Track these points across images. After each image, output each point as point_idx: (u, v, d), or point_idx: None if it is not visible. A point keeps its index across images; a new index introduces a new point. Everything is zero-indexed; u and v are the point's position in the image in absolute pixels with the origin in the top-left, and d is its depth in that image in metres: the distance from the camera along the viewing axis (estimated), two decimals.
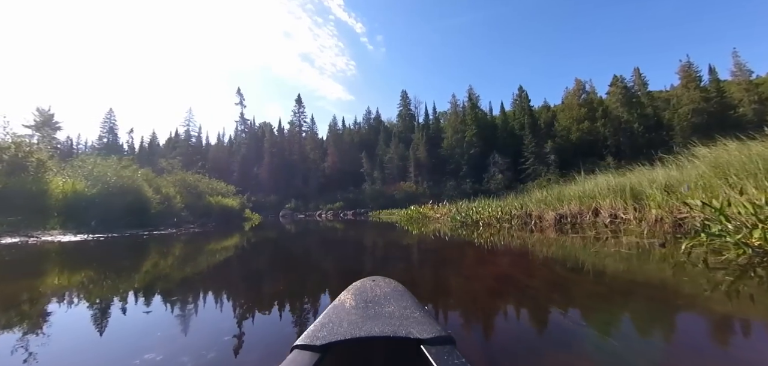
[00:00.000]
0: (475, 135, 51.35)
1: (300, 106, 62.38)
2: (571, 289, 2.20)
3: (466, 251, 4.50)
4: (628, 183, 6.21)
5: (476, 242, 5.28)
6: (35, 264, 4.15)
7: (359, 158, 54.30)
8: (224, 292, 2.42)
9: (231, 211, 19.75)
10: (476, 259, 3.87)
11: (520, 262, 3.47)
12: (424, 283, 2.62)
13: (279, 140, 59.99)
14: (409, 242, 6.31)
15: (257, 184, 52.38)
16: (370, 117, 67.55)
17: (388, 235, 7.86)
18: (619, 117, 50.24)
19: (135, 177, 12.63)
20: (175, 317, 1.80)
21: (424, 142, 51.75)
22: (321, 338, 0.79)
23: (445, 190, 43.60)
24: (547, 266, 3.07)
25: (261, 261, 4.36)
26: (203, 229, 11.43)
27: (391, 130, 62.02)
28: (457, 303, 2.03)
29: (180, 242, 7.13)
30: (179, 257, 4.92)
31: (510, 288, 2.41)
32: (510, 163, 48.83)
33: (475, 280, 2.71)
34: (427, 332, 0.80)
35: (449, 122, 57.28)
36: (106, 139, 65.27)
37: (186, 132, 62.90)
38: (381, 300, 1.05)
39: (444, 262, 3.67)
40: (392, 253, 4.85)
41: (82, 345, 1.45)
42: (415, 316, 0.91)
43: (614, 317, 1.61)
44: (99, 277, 3.18)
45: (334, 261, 4.29)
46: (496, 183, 45.00)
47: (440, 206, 12.92)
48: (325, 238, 8.06)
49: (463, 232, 6.95)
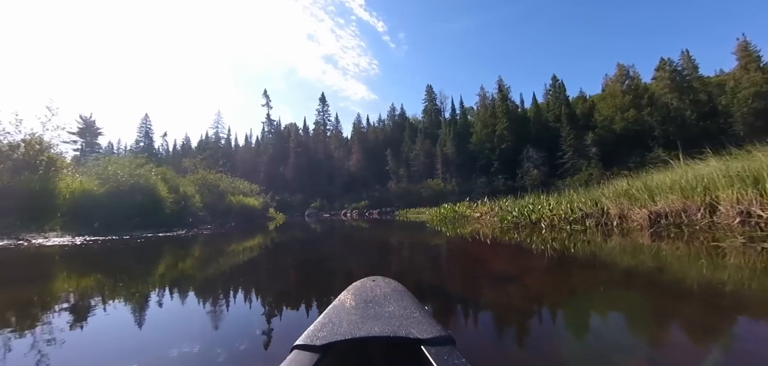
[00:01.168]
0: (507, 128, 48.43)
1: (324, 104, 62.09)
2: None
3: (571, 275, 2.94)
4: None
5: (566, 252, 3.68)
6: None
7: (384, 156, 52.94)
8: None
9: (253, 210, 18.98)
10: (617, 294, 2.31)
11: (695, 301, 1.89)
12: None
13: (304, 140, 59.96)
14: (459, 249, 4.76)
15: (283, 183, 52.50)
16: (394, 114, 65.94)
17: (428, 239, 6.35)
18: (668, 104, 45.38)
19: (149, 176, 11.91)
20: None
21: (451, 137, 49.49)
22: (321, 338, 0.78)
23: (475, 187, 41.31)
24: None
25: (278, 280, 3.11)
26: (222, 230, 10.50)
27: (417, 126, 60.15)
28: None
29: (184, 247, 6.08)
30: (162, 273, 3.72)
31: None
32: (545, 157, 45.57)
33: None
34: (427, 332, 0.79)
35: (478, 116, 54.62)
36: (142, 143, 68.34)
37: (215, 134, 64.46)
38: (381, 300, 1.04)
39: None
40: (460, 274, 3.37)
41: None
42: (415, 316, 0.90)
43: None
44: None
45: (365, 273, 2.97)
46: (531, 179, 42.05)
47: (479, 204, 11.19)
48: (352, 240, 6.68)
49: (522, 237, 5.30)
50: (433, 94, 63.48)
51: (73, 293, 2.52)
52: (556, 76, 56.49)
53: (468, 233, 6.48)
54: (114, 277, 3.23)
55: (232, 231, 10.71)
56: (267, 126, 63.99)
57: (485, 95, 56.57)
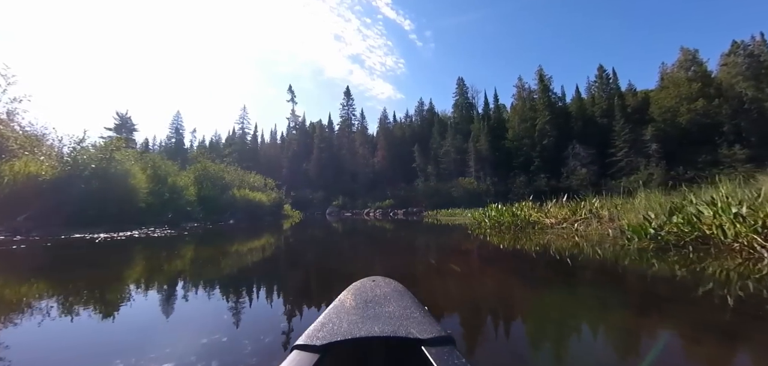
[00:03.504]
0: (548, 122, 43.54)
1: (349, 98, 59.79)
2: None
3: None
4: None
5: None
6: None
7: (411, 152, 49.54)
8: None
9: (261, 206, 16.57)
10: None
11: None
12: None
13: (328, 135, 58.04)
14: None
15: (306, 180, 50.83)
16: (422, 109, 62.18)
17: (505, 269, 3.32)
18: (742, 94, 38.50)
19: (125, 162, 9.66)
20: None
21: (485, 132, 45.26)
22: (321, 338, 0.78)
23: (513, 188, 37.14)
24: None
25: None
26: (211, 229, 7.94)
27: (446, 122, 56.27)
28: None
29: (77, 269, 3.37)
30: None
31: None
32: (594, 155, 40.25)
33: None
34: (427, 332, 0.79)
35: (515, 110, 49.94)
36: (173, 139, 69.78)
37: (241, 129, 64.30)
38: (381, 300, 1.04)
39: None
40: None
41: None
42: (415, 316, 0.90)
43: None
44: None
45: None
46: (579, 179, 37.18)
47: (552, 207, 7.89)
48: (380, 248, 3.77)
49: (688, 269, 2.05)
50: (464, 87, 59.12)
51: None
52: (602, 66, 50.51)
53: (570, 250, 3.38)
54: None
55: (227, 230, 8.19)
56: (292, 121, 62.87)
57: (523, 87, 51.69)
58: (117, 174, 9.03)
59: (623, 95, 47.44)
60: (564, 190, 25.35)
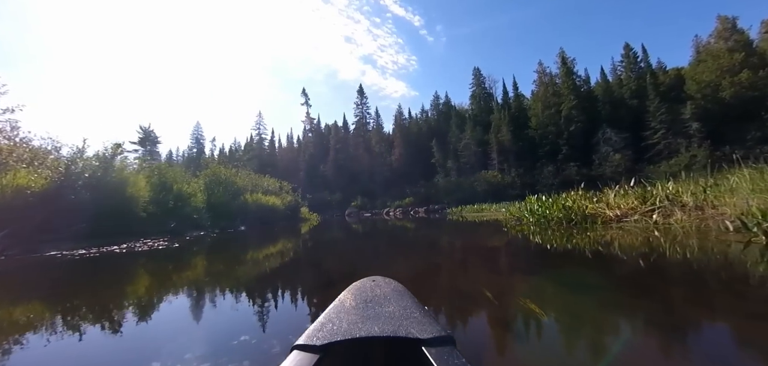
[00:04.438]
0: (575, 107, 40.92)
1: (362, 97, 58.83)
2: None
3: None
4: None
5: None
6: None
7: (429, 148, 47.95)
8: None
9: (274, 211, 15.74)
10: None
11: None
12: None
13: (343, 136, 57.34)
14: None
15: (323, 182, 50.34)
16: (438, 103, 60.28)
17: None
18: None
19: (122, 170, 8.94)
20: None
21: (507, 122, 43.12)
22: (321, 338, 0.77)
23: (541, 178, 35.01)
24: None
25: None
26: (216, 237, 7.05)
27: (464, 114, 54.26)
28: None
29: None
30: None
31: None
32: (628, 139, 37.43)
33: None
34: (427, 332, 0.79)
35: (537, 97, 47.37)
36: (194, 149, 71.18)
37: (258, 135, 64.70)
38: (381, 300, 1.02)
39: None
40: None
41: None
42: (415, 316, 0.89)
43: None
44: None
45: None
46: (613, 166, 34.55)
47: (614, 195, 6.46)
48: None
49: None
50: (481, 77, 56.79)
51: None
52: (629, 45, 47.05)
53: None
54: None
55: (226, 240, 7.27)
56: (307, 124, 62.65)
57: (544, 72, 49.01)
58: (113, 182, 8.30)
59: (656, 73, 44.09)
60: (596, 178, 23.28)
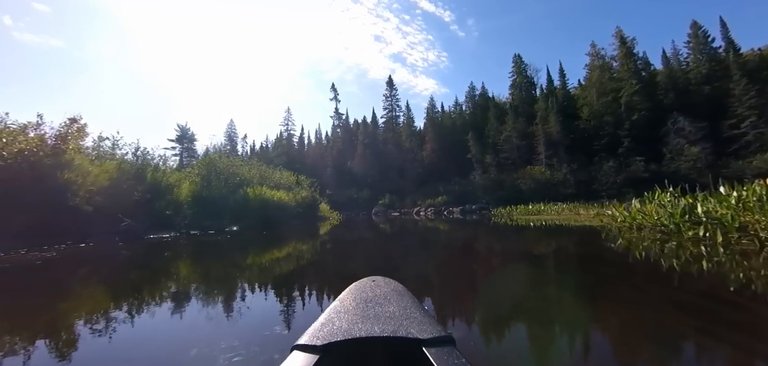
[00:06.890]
0: (637, 93, 35.13)
1: (392, 88, 55.86)
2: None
3: None
4: None
5: None
6: None
7: (464, 143, 43.88)
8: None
9: (283, 207, 13.26)
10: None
11: None
12: None
13: (372, 131, 54.78)
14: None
15: (351, 178, 48.13)
16: (474, 94, 55.71)
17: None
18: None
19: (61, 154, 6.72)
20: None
21: (554, 111, 38.12)
22: (321, 338, 0.77)
23: (599, 175, 30.02)
24: None
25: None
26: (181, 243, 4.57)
27: (502, 106, 49.49)
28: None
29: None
30: None
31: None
32: (706, 129, 31.20)
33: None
34: (427, 332, 0.79)
35: (590, 82, 41.70)
36: (228, 147, 72.25)
37: (287, 132, 64.13)
38: (381, 300, 1.02)
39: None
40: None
41: None
42: (415, 316, 0.89)
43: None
44: None
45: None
46: (689, 160, 28.75)
47: None
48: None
49: None
50: (522, 64, 51.50)
51: None
52: (697, 23, 39.61)
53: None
54: None
55: (185, 251, 4.74)
56: (335, 120, 60.96)
57: (597, 54, 43.09)
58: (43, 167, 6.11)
59: (740, 52, 36.82)
60: (669, 175, 18.57)
